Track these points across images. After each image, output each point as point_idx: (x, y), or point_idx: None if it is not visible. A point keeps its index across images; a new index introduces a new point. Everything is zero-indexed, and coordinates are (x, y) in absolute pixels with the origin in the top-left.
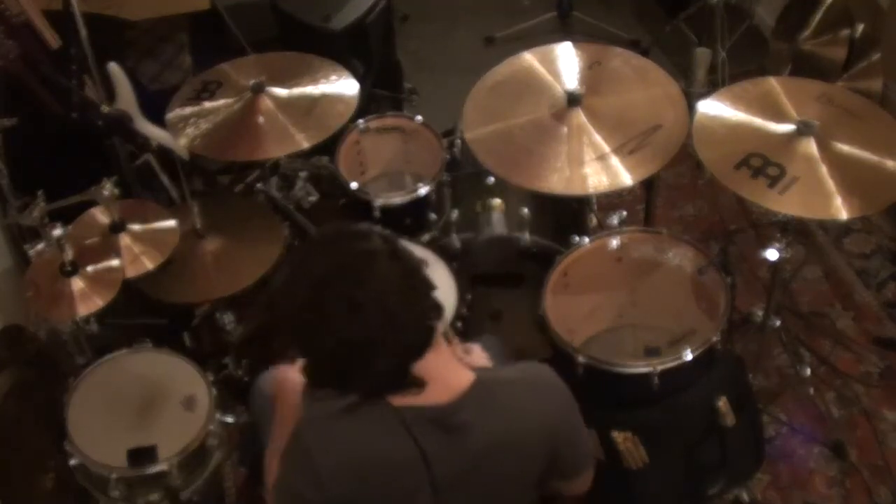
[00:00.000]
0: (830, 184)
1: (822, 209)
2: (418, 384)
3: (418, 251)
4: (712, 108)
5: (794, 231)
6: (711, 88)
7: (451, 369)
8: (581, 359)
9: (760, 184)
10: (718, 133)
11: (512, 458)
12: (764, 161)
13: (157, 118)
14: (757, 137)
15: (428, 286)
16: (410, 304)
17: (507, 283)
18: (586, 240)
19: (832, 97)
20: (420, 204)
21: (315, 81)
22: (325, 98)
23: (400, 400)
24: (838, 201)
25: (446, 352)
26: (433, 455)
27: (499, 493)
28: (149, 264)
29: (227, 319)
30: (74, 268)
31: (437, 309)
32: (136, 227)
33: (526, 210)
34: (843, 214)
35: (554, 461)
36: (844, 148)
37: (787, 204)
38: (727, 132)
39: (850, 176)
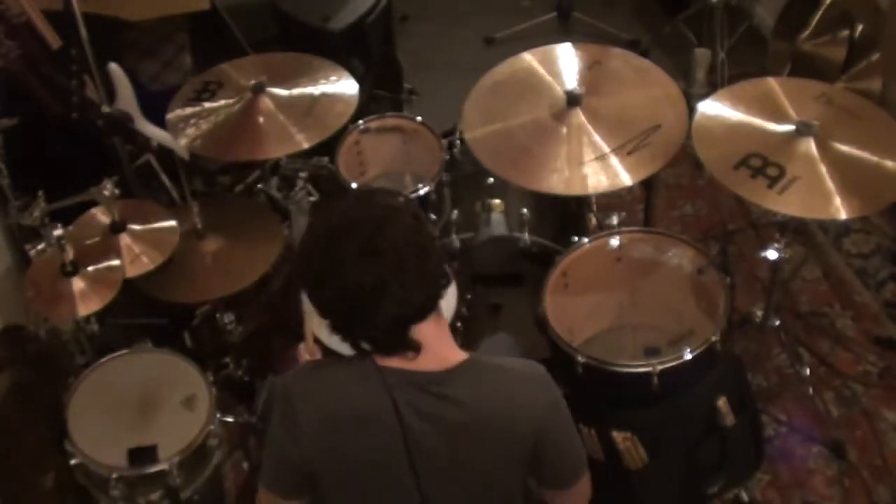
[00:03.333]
0: (830, 184)
1: (822, 209)
2: (414, 348)
3: None
4: (712, 108)
5: (794, 231)
6: (711, 89)
7: (446, 343)
8: (581, 358)
9: (760, 184)
10: (718, 133)
11: (492, 444)
12: (763, 161)
13: (158, 118)
14: (756, 138)
15: (442, 254)
16: (423, 261)
17: (507, 283)
18: (586, 240)
19: (831, 97)
20: (420, 204)
21: (315, 82)
22: (324, 98)
23: (388, 361)
24: (837, 201)
25: (445, 326)
26: (410, 421)
27: (479, 479)
28: (149, 264)
29: (228, 319)
30: (75, 268)
31: (447, 277)
32: (136, 227)
33: (526, 210)
34: (843, 214)
35: (538, 462)
36: (844, 148)
37: (786, 204)
38: (727, 132)
39: (850, 176)
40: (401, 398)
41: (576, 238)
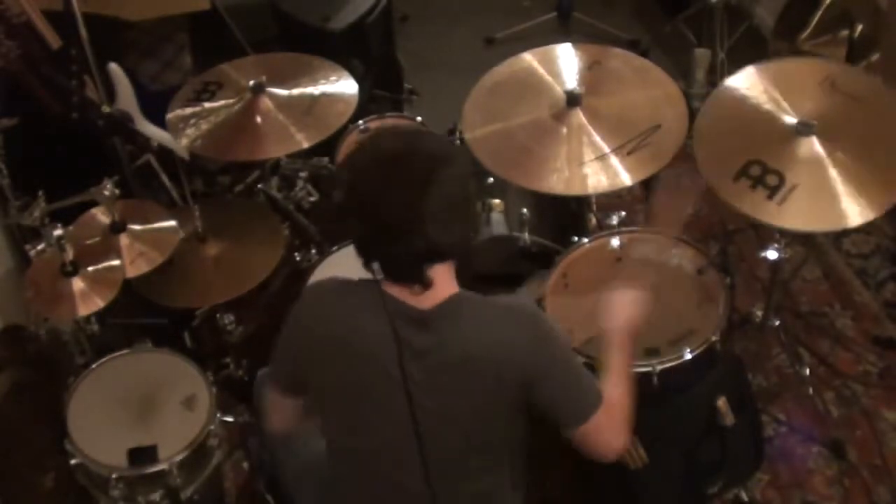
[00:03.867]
0: (834, 187)
1: (824, 219)
2: (424, 283)
3: None
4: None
5: (794, 231)
6: (711, 89)
7: (445, 282)
8: (581, 359)
9: (760, 195)
10: (718, 135)
11: (475, 385)
12: (763, 169)
13: (158, 118)
14: (757, 138)
15: (477, 215)
16: (463, 209)
17: (507, 283)
18: (585, 240)
19: (835, 81)
20: None
21: (315, 82)
22: (324, 98)
23: (392, 289)
24: (842, 205)
25: (451, 269)
26: (406, 340)
27: (463, 417)
28: (149, 265)
29: (228, 320)
30: (75, 268)
31: (476, 232)
32: (136, 227)
33: (526, 210)
34: (848, 222)
35: (541, 402)
36: (845, 147)
37: (786, 216)
38: (727, 134)
39: (852, 176)
40: (399, 327)
41: (576, 238)
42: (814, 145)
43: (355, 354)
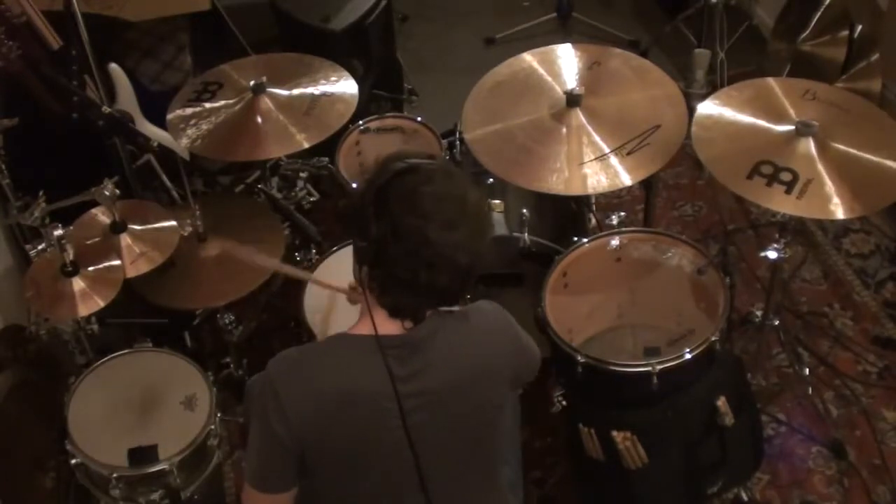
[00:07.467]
0: (847, 176)
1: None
2: (418, 320)
3: None
4: (708, 115)
5: (793, 231)
6: (710, 89)
7: None
8: (581, 358)
9: (777, 191)
10: (719, 142)
11: (473, 387)
12: (774, 167)
13: (158, 119)
14: (759, 143)
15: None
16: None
17: (507, 283)
18: (585, 240)
19: (816, 94)
20: None
21: (315, 82)
22: (324, 98)
23: (383, 324)
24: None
25: None
26: (396, 369)
27: (466, 418)
28: (149, 264)
29: (228, 319)
30: (75, 268)
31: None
32: (136, 227)
33: (526, 210)
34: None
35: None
36: (843, 147)
37: (809, 208)
38: (728, 139)
39: (853, 175)
40: (393, 365)
41: (576, 238)
42: (814, 145)
43: (351, 403)
